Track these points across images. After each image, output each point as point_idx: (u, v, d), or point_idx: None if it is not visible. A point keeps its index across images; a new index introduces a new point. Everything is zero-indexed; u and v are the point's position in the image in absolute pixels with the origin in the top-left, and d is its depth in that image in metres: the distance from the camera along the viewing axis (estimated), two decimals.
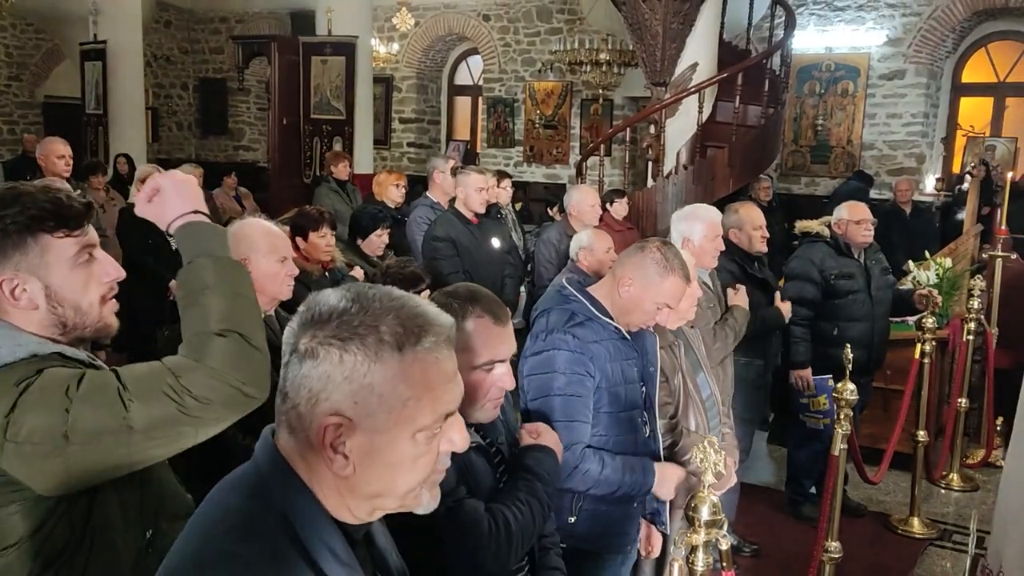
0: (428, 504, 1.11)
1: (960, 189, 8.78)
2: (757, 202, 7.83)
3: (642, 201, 7.01)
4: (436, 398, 1.05)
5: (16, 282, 1.40)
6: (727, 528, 4.10)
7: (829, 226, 4.43)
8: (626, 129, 7.74)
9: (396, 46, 12.33)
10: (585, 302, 2.42)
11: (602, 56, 10.17)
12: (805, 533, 4.26)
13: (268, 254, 2.43)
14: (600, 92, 11.11)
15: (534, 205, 11.37)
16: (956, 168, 10.13)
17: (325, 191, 6.73)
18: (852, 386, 3.34)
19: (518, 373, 2.46)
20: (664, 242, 2.51)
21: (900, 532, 4.45)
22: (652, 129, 7.35)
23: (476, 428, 1.82)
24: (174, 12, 14.18)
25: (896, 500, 4.83)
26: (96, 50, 10.74)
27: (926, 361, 4.48)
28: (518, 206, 8.46)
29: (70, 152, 5.06)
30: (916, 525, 4.46)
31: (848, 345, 3.34)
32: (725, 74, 7.28)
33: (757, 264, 3.98)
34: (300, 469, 1.06)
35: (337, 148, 8.89)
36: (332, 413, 1.02)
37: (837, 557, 3.58)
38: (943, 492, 5.05)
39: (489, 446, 1.84)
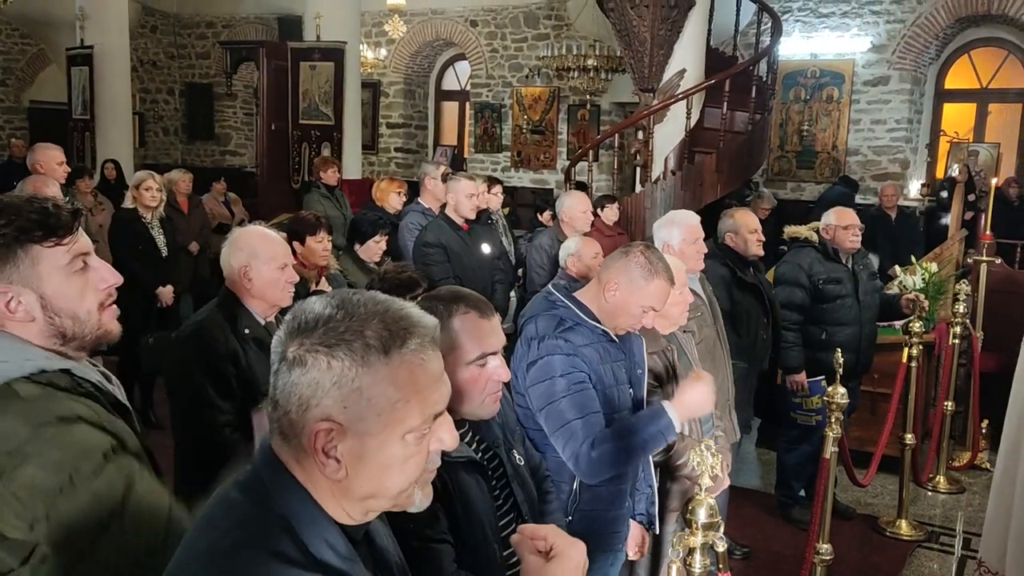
0: (421, 502, 1.13)
1: (942, 196, 8.88)
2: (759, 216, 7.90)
3: (631, 206, 7.05)
4: (424, 399, 1.07)
5: (10, 295, 1.38)
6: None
7: (817, 231, 4.48)
8: (614, 134, 7.77)
9: (384, 51, 12.34)
10: (572, 307, 2.45)
11: (589, 62, 10.21)
12: (795, 535, 4.31)
13: (268, 261, 2.45)
14: (587, 98, 11.16)
15: (521, 210, 11.40)
16: (940, 173, 10.24)
17: (316, 197, 6.73)
18: (843, 389, 3.39)
19: (516, 385, 2.49)
20: (648, 246, 2.54)
21: (888, 534, 4.49)
22: (640, 135, 7.39)
23: (473, 435, 1.84)
24: (160, 17, 14.14)
25: (884, 503, 4.88)
26: (83, 55, 10.69)
27: (913, 365, 4.53)
28: (506, 211, 8.48)
29: (65, 158, 5.05)
30: (904, 527, 4.51)
31: (839, 349, 3.38)
32: (712, 80, 7.34)
33: (752, 270, 4.02)
34: (297, 473, 1.07)
35: (326, 153, 8.88)
36: (323, 419, 1.03)
37: (828, 559, 3.62)
38: (930, 494, 5.10)
39: (486, 451, 1.85)
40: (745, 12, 8.99)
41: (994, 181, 6.21)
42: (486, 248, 4.72)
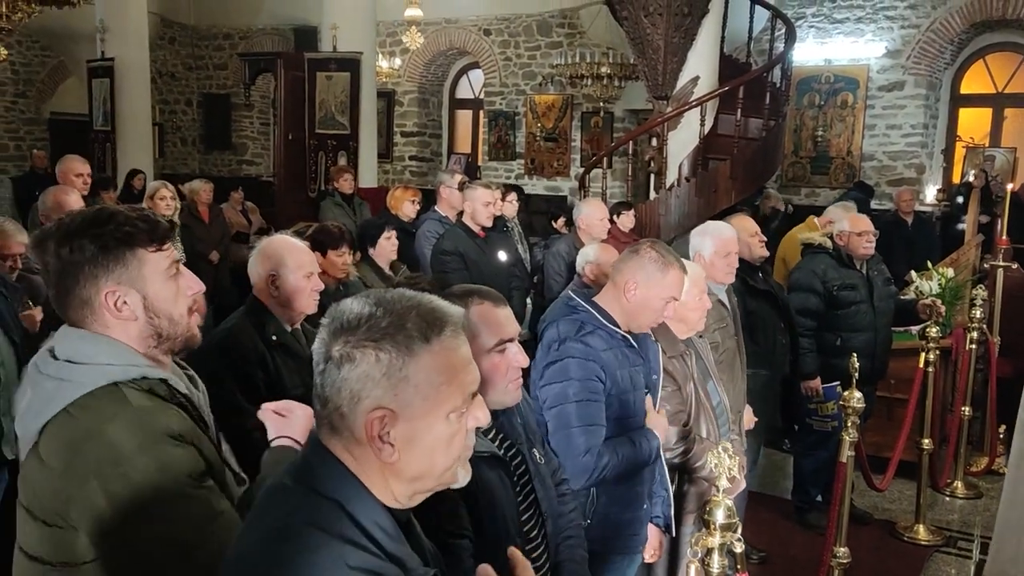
0: (463, 479, 1.23)
1: (958, 202, 8.86)
2: (764, 215, 7.93)
3: (645, 213, 7.08)
4: (462, 380, 1.17)
5: (119, 294, 1.48)
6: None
7: (831, 237, 4.50)
8: (629, 142, 7.81)
9: (398, 61, 12.44)
10: (593, 311, 2.49)
11: (602, 69, 10.27)
12: (811, 540, 4.31)
13: (296, 270, 2.51)
14: (601, 105, 11.22)
15: (535, 218, 11.45)
16: (956, 179, 10.22)
17: (329, 205, 6.82)
18: (859, 394, 3.40)
19: (531, 384, 2.53)
20: (654, 241, 2.61)
21: (906, 539, 4.50)
22: (654, 142, 7.43)
23: (497, 433, 1.88)
24: (179, 29, 14.30)
25: (901, 508, 4.88)
26: (103, 67, 10.84)
27: (930, 370, 4.53)
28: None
29: (88, 170, 5.14)
30: (921, 532, 4.51)
31: (854, 354, 3.40)
32: (726, 87, 7.37)
33: (761, 275, 4.05)
34: (347, 462, 1.15)
35: (342, 162, 8.97)
36: (375, 408, 1.12)
37: (846, 563, 3.63)
38: (947, 499, 5.10)
39: (509, 448, 1.90)
40: (759, 19, 9.02)
41: (1010, 186, 6.19)
42: (503, 256, 4.77)
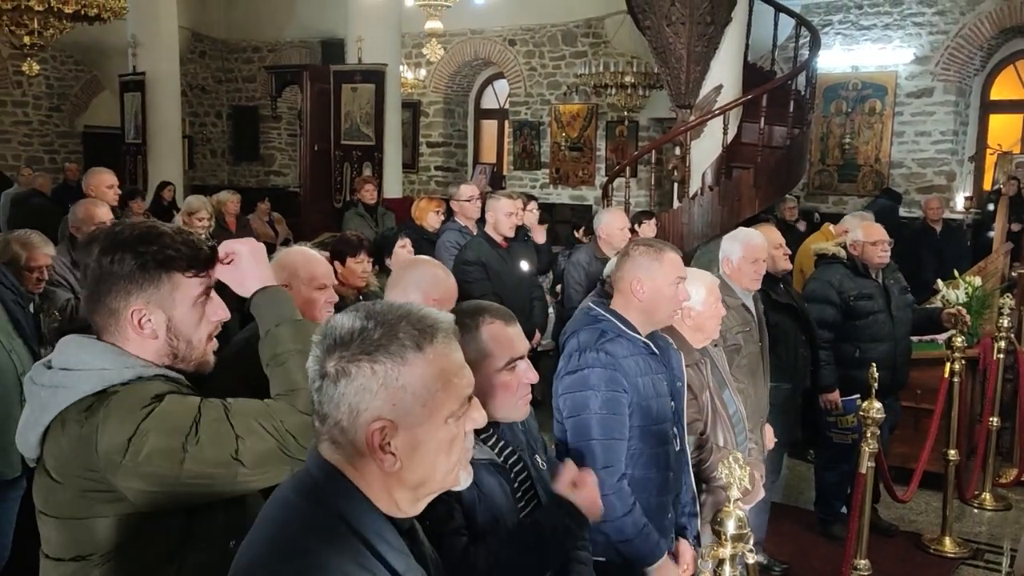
0: (464, 481, 1.26)
1: (989, 209, 8.74)
2: (784, 221, 7.87)
3: (668, 222, 7.07)
4: (457, 384, 1.19)
5: (145, 313, 1.52)
6: (757, 547, 4.13)
7: (845, 247, 4.45)
8: (651, 151, 7.81)
9: (423, 72, 12.54)
10: (613, 320, 2.50)
11: (627, 79, 10.29)
12: (836, 552, 4.25)
13: (309, 281, 2.54)
14: (625, 114, 11.22)
15: (560, 227, 11.46)
16: (987, 186, 10.08)
17: (352, 215, 6.91)
18: (878, 404, 3.37)
19: (552, 392, 2.54)
20: (635, 240, 2.62)
21: (932, 551, 4.43)
22: (677, 151, 7.42)
23: (498, 439, 1.90)
24: (209, 43, 14.54)
25: (928, 520, 4.81)
26: (135, 81, 11.05)
27: (956, 380, 4.48)
28: (544, 227, 8.55)
29: (117, 182, 5.26)
30: (948, 544, 4.44)
31: (873, 365, 3.37)
32: (749, 96, 7.35)
33: (783, 286, 4.02)
34: (350, 474, 1.17)
35: (367, 173, 9.06)
36: (375, 419, 1.13)
37: (867, 575, 3.59)
38: (975, 512, 5.02)
39: (510, 455, 1.91)
40: (784, 27, 8.98)
41: None
42: (524, 266, 4.79)
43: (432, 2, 5.11)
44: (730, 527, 2.07)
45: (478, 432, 1.84)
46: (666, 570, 2.45)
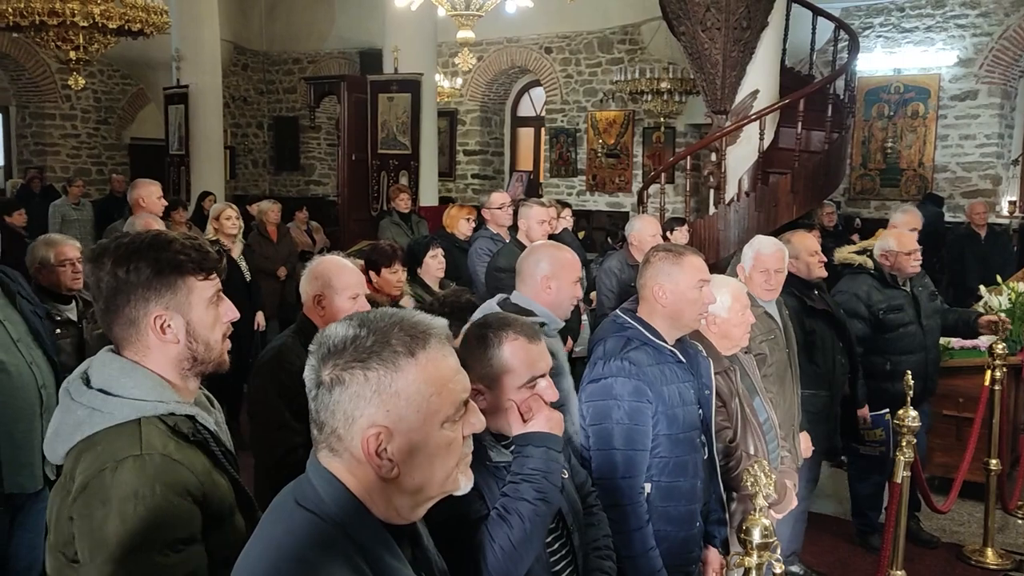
0: (465, 485, 1.24)
1: None
2: (822, 228, 7.76)
3: (704, 228, 7.03)
4: (451, 389, 1.19)
5: (165, 318, 1.56)
6: (794, 557, 4.07)
7: (871, 256, 4.35)
8: (686, 157, 7.77)
9: (460, 80, 12.62)
10: (640, 327, 2.49)
11: (663, 85, 10.25)
12: (874, 563, 4.19)
13: (342, 291, 2.59)
14: (662, 120, 11.17)
15: (597, 234, 11.45)
16: None
17: (388, 224, 6.99)
18: (914, 413, 3.31)
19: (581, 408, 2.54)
20: (657, 246, 2.63)
21: (974, 563, 4.33)
22: (713, 157, 7.38)
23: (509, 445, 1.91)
24: (251, 55, 14.81)
25: (970, 531, 4.70)
26: (179, 94, 11.29)
27: (997, 388, 4.38)
28: (581, 235, 8.55)
29: (161, 191, 5.39)
30: (990, 556, 4.34)
31: (908, 373, 3.30)
32: (786, 100, 7.28)
33: (817, 293, 3.96)
34: (348, 482, 1.18)
35: (403, 182, 9.14)
36: (370, 426, 1.14)
37: None
38: (1019, 522, 4.89)
39: None
40: (823, 30, 8.88)
41: None
42: None
43: (463, 12, 5.13)
44: (756, 536, 2.05)
45: (499, 438, 1.86)
46: None
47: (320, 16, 14.10)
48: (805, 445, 3.38)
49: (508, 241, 5.00)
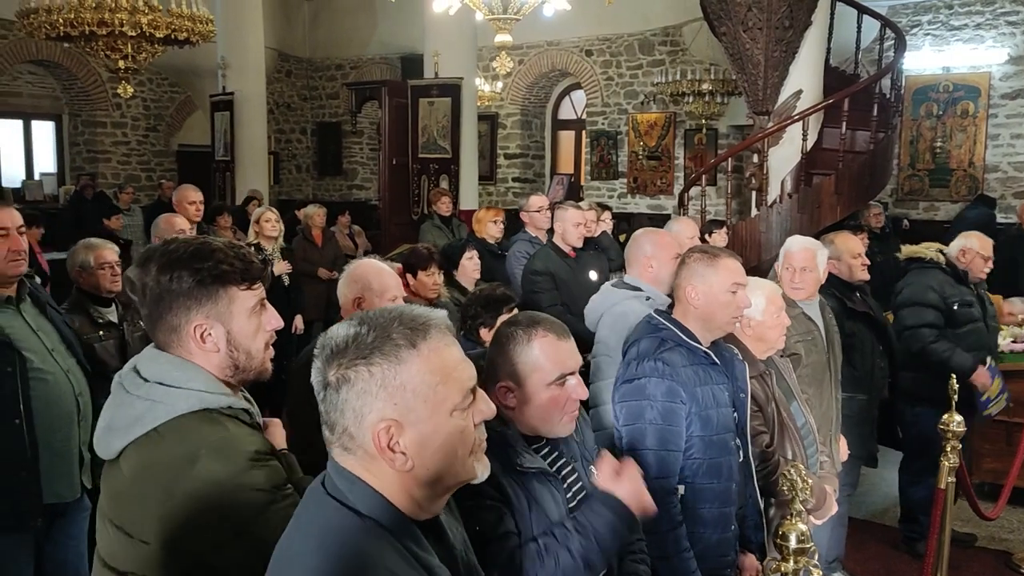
0: (482, 472, 1.25)
1: None
2: (869, 229, 7.61)
3: (745, 231, 6.95)
4: (457, 377, 1.20)
5: (205, 327, 1.58)
6: (836, 564, 4.00)
7: (943, 252, 4.30)
8: (728, 159, 7.68)
9: (500, 84, 12.66)
10: (674, 328, 2.48)
11: (704, 86, 10.17)
12: (919, 570, 4.10)
13: (381, 294, 2.62)
14: (704, 122, 11.07)
15: None
16: None
17: (429, 227, 7.02)
18: (959, 417, 3.24)
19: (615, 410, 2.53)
20: (693, 247, 2.62)
21: (1023, 572, 4.22)
22: (755, 158, 7.28)
23: (551, 450, 1.91)
24: (294, 62, 15.04)
25: (1019, 538, 4.58)
26: (224, 101, 11.51)
27: None
28: (622, 238, 8.51)
29: (201, 198, 5.47)
30: None
31: (953, 377, 3.22)
32: (830, 100, 7.16)
33: (859, 295, 3.90)
34: (368, 480, 1.19)
35: (444, 186, 9.19)
36: (379, 420, 1.16)
37: None
38: None
39: (564, 465, 1.92)
40: (869, 29, 8.73)
41: None
42: (593, 275, 4.78)
43: (500, 16, 5.15)
44: (793, 541, 2.03)
45: (529, 441, 1.86)
46: None
47: (362, 22, 14.26)
48: (842, 449, 3.32)
49: (545, 244, 4.99)
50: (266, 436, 1.68)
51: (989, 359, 4.15)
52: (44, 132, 12.72)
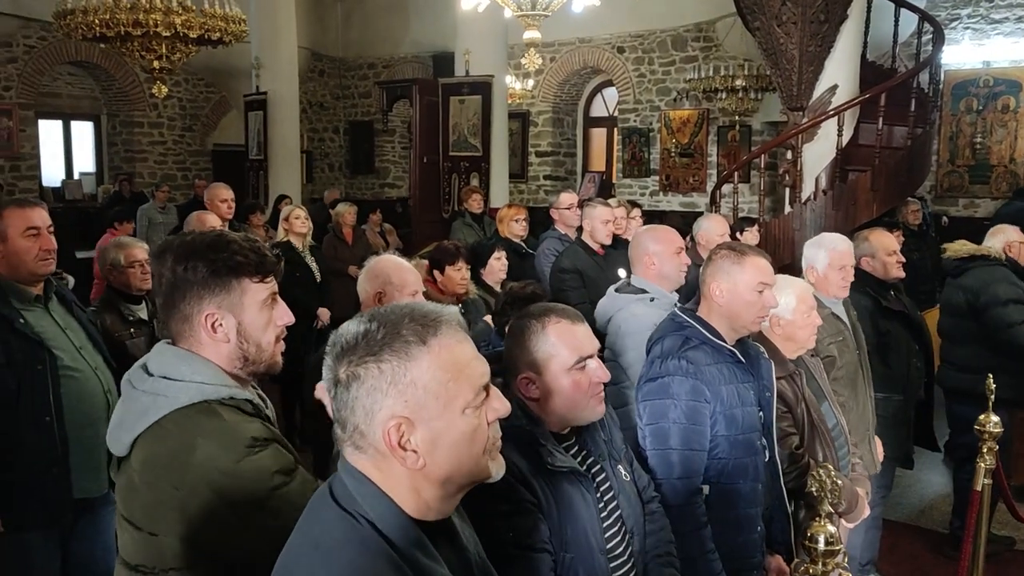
0: (496, 471, 1.22)
1: None
2: (905, 226, 7.47)
3: (778, 228, 6.85)
4: (469, 374, 1.18)
5: (217, 317, 1.61)
6: (870, 567, 3.93)
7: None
8: (760, 155, 7.58)
9: (531, 82, 12.63)
10: (698, 326, 2.44)
11: (738, 82, 10.06)
12: (954, 572, 4.01)
13: (401, 289, 2.62)
14: (737, 118, 10.95)
15: None
16: None
17: (460, 225, 7.02)
18: (996, 418, 3.15)
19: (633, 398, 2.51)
20: (722, 244, 2.56)
21: None
22: (789, 155, 7.18)
23: (580, 448, 1.89)
24: (327, 62, 15.14)
25: None
26: (258, 100, 11.61)
27: None
28: None
29: (232, 196, 5.52)
30: None
31: (990, 377, 3.14)
32: (866, 95, 7.03)
33: (893, 293, 3.82)
34: (377, 479, 1.18)
35: (474, 183, 9.19)
36: (390, 418, 1.14)
37: None
38: None
39: (592, 464, 1.89)
40: (907, 22, 8.56)
41: None
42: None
43: (529, 12, 5.13)
44: (821, 543, 1.98)
45: (559, 440, 1.85)
46: None
47: (394, 22, 14.32)
48: (878, 451, 3.26)
49: (573, 242, 4.97)
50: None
51: None
52: (83, 132, 12.96)
